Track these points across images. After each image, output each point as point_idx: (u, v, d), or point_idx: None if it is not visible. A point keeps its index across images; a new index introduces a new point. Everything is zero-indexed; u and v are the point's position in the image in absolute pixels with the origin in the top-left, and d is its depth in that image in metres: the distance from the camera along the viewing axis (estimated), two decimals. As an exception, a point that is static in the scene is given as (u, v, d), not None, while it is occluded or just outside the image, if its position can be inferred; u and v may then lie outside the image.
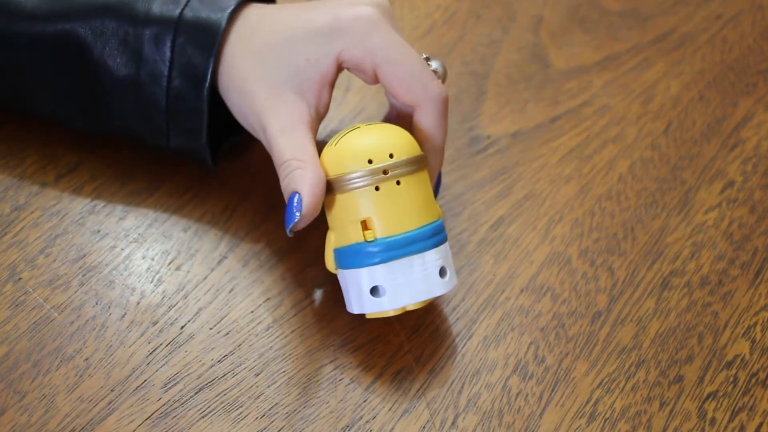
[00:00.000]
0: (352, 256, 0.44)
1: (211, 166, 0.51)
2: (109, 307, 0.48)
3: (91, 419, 0.44)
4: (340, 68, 0.47)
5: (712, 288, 0.52)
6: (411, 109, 0.47)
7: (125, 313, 0.47)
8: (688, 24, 0.66)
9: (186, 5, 0.48)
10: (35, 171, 0.52)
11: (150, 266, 0.49)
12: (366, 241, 0.44)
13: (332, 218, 0.45)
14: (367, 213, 0.44)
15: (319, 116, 0.47)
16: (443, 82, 0.50)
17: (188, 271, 0.49)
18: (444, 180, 0.55)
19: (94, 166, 0.53)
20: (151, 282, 0.49)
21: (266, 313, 0.48)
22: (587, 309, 0.50)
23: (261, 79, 0.46)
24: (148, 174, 0.53)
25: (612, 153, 0.58)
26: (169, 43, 0.47)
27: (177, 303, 0.48)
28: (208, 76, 0.47)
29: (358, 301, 0.45)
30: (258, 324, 0.48)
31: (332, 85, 0.47)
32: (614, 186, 0.56)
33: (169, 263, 0.50)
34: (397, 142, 0.44)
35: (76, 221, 0.51)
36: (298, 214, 0.43)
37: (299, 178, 0.44)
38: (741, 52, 0.65)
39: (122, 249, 0.50)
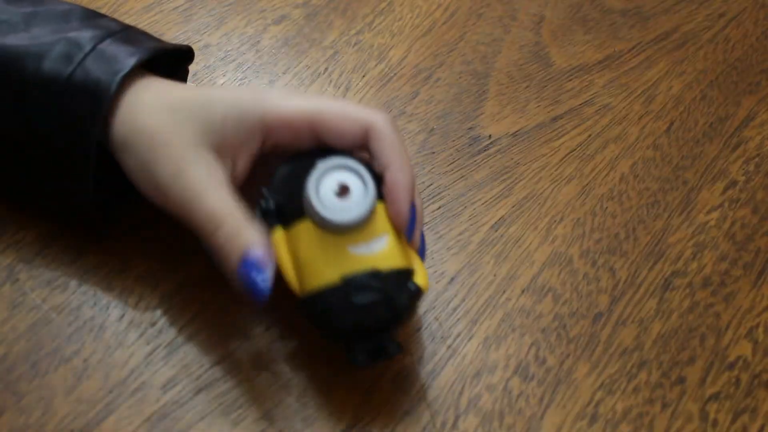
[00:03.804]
0: None
1: (103, 229, 0.49)
2: (108, 308, 0.47)
3: (89, 421, 0.44)
4: (265, 140, 0.44)
5: (714, 289, 0.51)
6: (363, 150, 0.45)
7: (124, 314, 0.47)
8: (691, 23, 0.66)
9: (79, 65, 0.44)
10: (34, 171, 0.52)
11: (149, 266, 0.49)
12: None
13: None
14: None
15: (236, 183, 0.44)
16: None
17: (188, 272, 0.49)
18: (444, 180, 0.55)
19: (93, 165, 0.53)
20: (150, 282, 0.49)
21: (266, 314, 0.48)
22: (588, 310, 0.50)
23: (176, 132, 0.43)
24: (148, 174, 0.53)
25: (614, 153, 0.58)
26: (55, 105, 0.43)
27: (176, 303, 0.48)
28: (96, 129, 0.43)
29: None
30: (258, 324, 0.48)
31: (253, 156, 0.45)
32: (616, 186, 0.56)
33: (169, 263, 0.49)
34: None
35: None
36: (267, 271, 0.41)
37: (247, 235, 0.41)
38: (744, 51, 0.65)
39: (121, 249, 0.50)
